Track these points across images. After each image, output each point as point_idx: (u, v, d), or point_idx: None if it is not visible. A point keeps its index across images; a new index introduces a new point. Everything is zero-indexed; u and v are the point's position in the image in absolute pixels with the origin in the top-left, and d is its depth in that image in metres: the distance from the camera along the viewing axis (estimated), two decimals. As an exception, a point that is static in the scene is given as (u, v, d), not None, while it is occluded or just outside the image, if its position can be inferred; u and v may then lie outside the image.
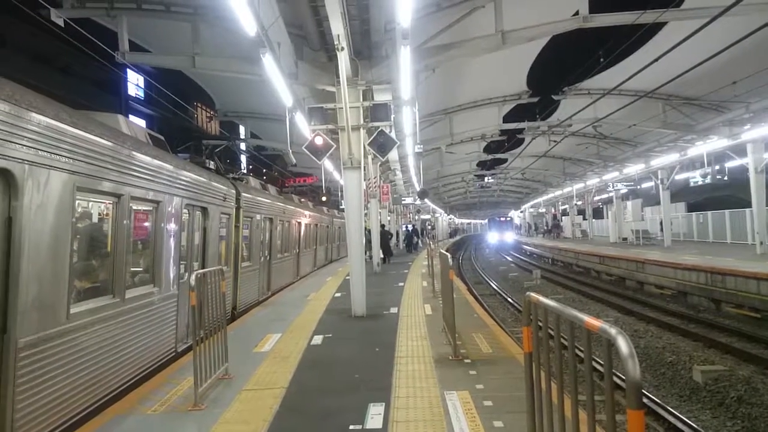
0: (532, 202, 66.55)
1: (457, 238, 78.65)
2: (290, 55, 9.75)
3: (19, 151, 4.36)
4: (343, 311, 10.88)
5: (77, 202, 5.32)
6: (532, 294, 3.19)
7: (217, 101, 20.26)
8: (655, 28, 15.19)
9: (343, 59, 8.52)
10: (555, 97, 21.13)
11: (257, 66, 10.46)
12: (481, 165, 43.41)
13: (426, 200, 43.22)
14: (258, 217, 13.36)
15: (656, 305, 17.71)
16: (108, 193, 6.00)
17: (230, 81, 17.13)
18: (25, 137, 4.45)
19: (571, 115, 19.46)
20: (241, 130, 29.23)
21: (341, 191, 33.86)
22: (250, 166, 49.39)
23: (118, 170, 6.08)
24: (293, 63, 10.02)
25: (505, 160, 40.14)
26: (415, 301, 12.31)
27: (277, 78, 8.86)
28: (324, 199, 29.21)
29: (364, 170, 11.54)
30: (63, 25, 10.82)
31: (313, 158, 10.08)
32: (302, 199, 23.23)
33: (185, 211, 8.45)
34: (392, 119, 10.32)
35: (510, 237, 68.57)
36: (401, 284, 15.92)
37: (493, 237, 72.32)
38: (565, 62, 22.07)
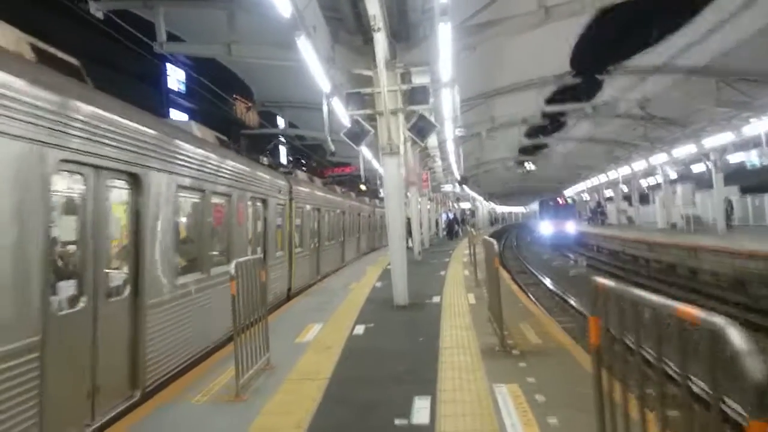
0: (574, 188, 64.45)
1: (498, 227, 77.33)
2: (326, 39, 9.52)
3: (143, 159, 5.78)
4: (384, 301, 10.69)
5: (178, 197, 6.74)
6: (600, 279, 2.86)
7: (255, 91, 20.23)
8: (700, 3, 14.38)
9: (380, 41, 8.24)
10: (599, 77, 20.27)
11: (294, 51, 10.31)
12: (522, 151, 42.47)
13: (465, 187, 42.61)
14: (308, 207, 14.62)
15: (714, 294, 16.84)
16: (196, 189, 7.43)
17: (267, 70, 17.04)
18: (146, 149, 5.86)
19: (618, 96, 18.62)
20: (279, 120, 29.34)
21: (380, 180, 33.98)
22: (290, 157, 49.77)
23: (203, 170, 7.52)
24: (330, 47, 9.79)
25: (546, 146, 39.12)
26: (457, 289, 12.02)
27: (313, 62, 8.65)
28: (363, 188, 29.04)
29: (404, 157, 11.30)
30: (102, 18, 10.95)
31: (352, 145, 9.87)
32: (344, 190, 23.90)
33: (250, 203, 9.90)
34: (431, 102, 9.96)
35: (571, 228, 44.60)
36: (442, 273, 15.63)
37: (546, 228, 46.86)
38: (610, 40, 21.05)
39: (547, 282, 22.09)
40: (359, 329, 8.22)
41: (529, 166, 52.65)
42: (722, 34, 14.19)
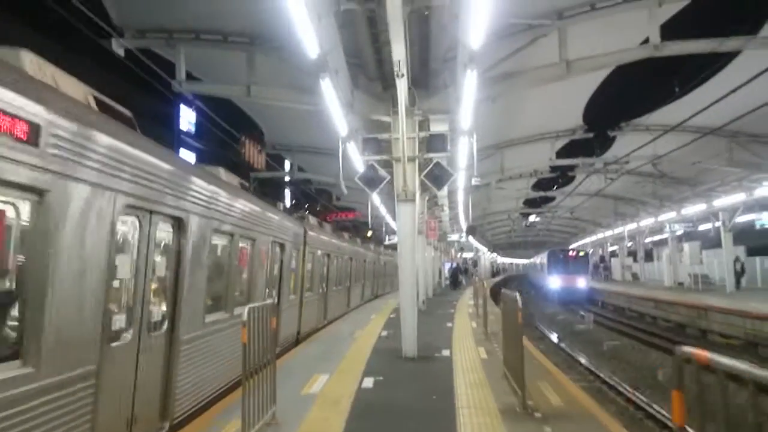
0: (578, 243, 64.04)
1: (500, 278, 76.50)
2: (347, 84, 9.51)
3: (186, 204, 6.29)
4: (391, 351, 10.29)
5: (212, 240, 7.21)
6: (689, 349, 2.56)
7: (267, 133, 20.32)
8: (724, 60, 14.48)
9: (402, 87, 8.18)
10: (611, 133, 20.33)
11: (312, 95, 10.31)
12: (528, 203, 42.46)
13: (470, 237, 42.39)
14: (319, 252, 15.07)
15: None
16: (227, 233, 7.85)
17: (280, 113, 17.14)
18: (190, 194, 6.40)
19: (630, 152, 18.61)
20: (286, 164, 29.51)
21: (385, 227, 33.87)
22: (293, 201, 49.80)
23: (233, 215, 7.97)
24: (349, 92, 9.77)
25: (553, 198, 39.12)
26: (466, 342, 11.61)
27: (334, 105, 8.58)
28: (369, 234, 28.88)
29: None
30: (123, 55, 11.01)
31: (366, 189, 9.71)
32: (350, 235, 24.38)
33: (270, 246, 10.30)
34: (449, 151, 9.86)
35: (584, 284, 37.79)
36: (449, 324, 15.21)
37: (555, 283, 38.94)
38: (625, 97, 21.23)
39: (554, 337, 21.55)
40: (368, 382, 7.82)
41: (533, 218, 52.65)
42: (737, 95, 14.17)
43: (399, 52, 7.28)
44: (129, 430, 5.14)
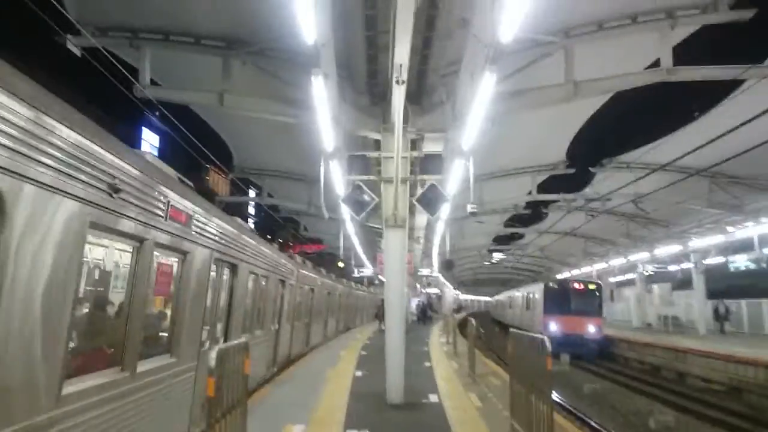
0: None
1: (463, 314, 75.60)
2: (335, 94, 8.51)
3: (238, 255, 8.11)
4: (372, 396, 9.08)
5: (248, 280, 9.20)
6: None
7: (236, 155, 19.12)
8: (710, 102, 14.25)
9: (400, 97, 7.22)
10: (592, 170, 19.92)
11: (294, 107, 9.33)
12: (496, 240, 42.01)
13: (437, 274, 41.57)
14: (306, 287, 16.69)
15: (711, 402, 15.61)
16: (254, 273, 9.32)
17: (252, 132, 16.09)
18: (241, 248, 8.24)
19: (615, 190, 18.16)
20: (251, 192, 28.31)
21: (354, 259, 32.70)
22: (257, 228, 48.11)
23: (258, 259, 9.46)
24: (337, 104, 8.78)
25: (522, 236, 38.74)
26: (453, 386, 10.48)
27: (323, 110, 7.55)
28: (341, 265, 27.73)
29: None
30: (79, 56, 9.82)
31: (352, 213, 8.65)
32: (326, 271, 24.97)
33: (275, 283, 11.59)
34: (443, 173, 8.93)
35: (594, 329, 26.54)
36: (428, 364, 14.07)
37: (554, 329, 26.28)
38: (610, 133, 20.94)
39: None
40: (352, 438, 6.62)
41: (499, 256, 52.17)
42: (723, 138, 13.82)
43: (402, 53, 6.35)
44: None
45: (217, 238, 6.81)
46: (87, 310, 4.33)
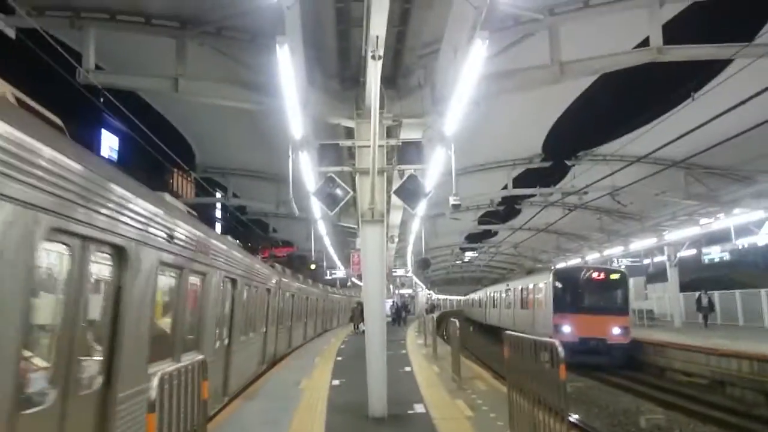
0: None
1: (437, 313, 74.98)
2: (302, 76, 7.67)
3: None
4: (351, 408, 8.28)
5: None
6: None
7: (198, 154, 18.03)
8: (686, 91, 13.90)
9: (376, 74, 6.42)
10: (569, 163, 19.49)
11: (256, 92, 8.47)
12: (469, 238, 41.56)
13: (411, 274, 40.93)
14: (287, 294, 18.25)
15: (696, 397, 15.17)
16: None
17: (214, 128, 15.12)
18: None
19: (591, 183, 17.75)
20: (217, 194, 27.21)
21: (326, 260, 31.79)
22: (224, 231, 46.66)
23: (260, 277, 11.81)
24: (304, 82, 7.94)
25: (495, 233, 38.37)
26: (439, 393, 9.72)
27: (289, 86, 6.69)
28: (313, 267, 26.82)
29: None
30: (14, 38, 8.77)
31: (324, 207, 7.84)
32: (304, 277, 26.03)
33: (265, 292, 13.42)
34: (424, 162, 8.19)
35: (621, 330, 20.17)
36: (408, 369, 13.36)
37: (565, 328, 20.24)
38: (586, 125, 20.48)
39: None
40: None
41: (472, 254, 51.78)
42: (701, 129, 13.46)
43: (379, 23, 5.57)
44: None
45: (223, 260, 8.12)
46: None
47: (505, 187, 20.09)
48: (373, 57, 6.02)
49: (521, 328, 22.60)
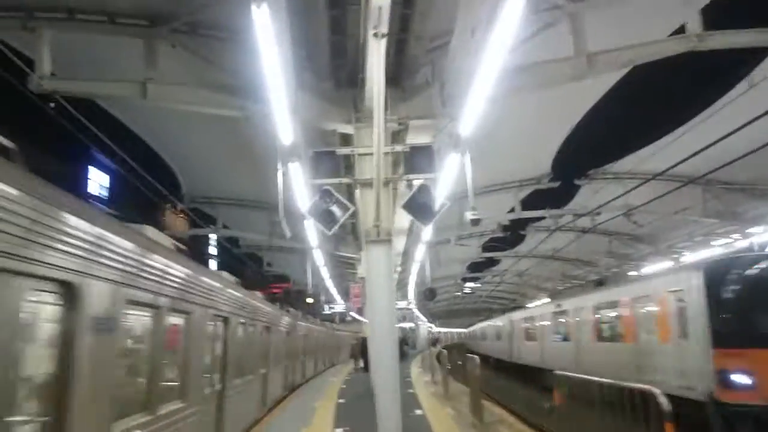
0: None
1: (439, 347, 72.65)
2: (291, 77, 6.48)
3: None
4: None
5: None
6: None
7: (185, 184, 16.83)
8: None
9: (380, 59, 5.21)
10: (578, 182, 18.38)
11: (235, 96, 7.31)
12: (471, 267, 40.14)
13: (413, 306, 39.39)
14: (294, 334, 18.97)
15: None
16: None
17: (199, 153, 14.00)
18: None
19: (606, 203, 16.58)
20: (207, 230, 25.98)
21: (324, 294, 30.36)
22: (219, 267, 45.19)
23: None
24: (293, 91, 6.76)
25: (498, 262, 37.08)
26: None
27: (276, 78, 5.48)
28: (310, 301, 25.56)
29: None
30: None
31: (321, 227, 6.58)
32: (312, 317, 27.66)
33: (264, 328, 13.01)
34: (435, 170, 6.97)
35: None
36: (419, 412, 11.90)
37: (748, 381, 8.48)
38: (594, 144, 19.40)
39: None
40: None
41: (472, 285, 50.20)
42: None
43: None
44: None
45: (213, 297, 7.88)
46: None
47: (512, 210, 18.88)
48: (376, 35, 4.84)
49: (606, 370, 13.17)
